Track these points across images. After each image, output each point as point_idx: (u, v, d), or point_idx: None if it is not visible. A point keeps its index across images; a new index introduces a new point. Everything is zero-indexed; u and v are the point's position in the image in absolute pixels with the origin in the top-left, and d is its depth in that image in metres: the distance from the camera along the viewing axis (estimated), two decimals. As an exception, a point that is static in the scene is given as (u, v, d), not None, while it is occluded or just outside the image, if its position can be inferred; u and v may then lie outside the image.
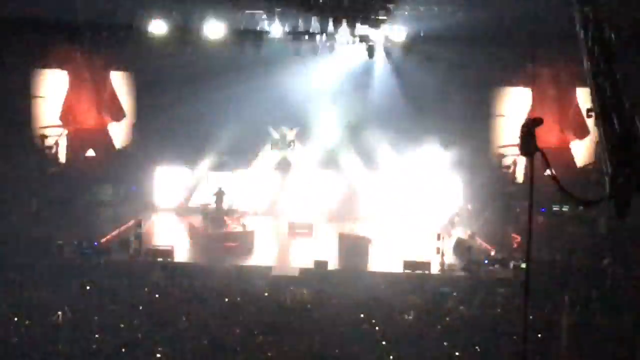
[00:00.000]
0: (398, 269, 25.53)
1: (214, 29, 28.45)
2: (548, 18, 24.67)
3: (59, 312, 20.57)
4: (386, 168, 32.18)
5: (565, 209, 27.87)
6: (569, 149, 31.18)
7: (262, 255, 27.27)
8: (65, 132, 32.44)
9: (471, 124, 30.69)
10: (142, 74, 31.45)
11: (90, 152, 33.26)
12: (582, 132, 30.32)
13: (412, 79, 30.66)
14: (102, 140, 33.02)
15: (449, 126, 30.47)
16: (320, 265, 25.44)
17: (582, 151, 30.94)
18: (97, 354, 18.72)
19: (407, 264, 25.52)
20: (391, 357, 19.02)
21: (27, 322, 19.93)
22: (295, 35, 28.35)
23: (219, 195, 29.78)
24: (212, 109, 31.38)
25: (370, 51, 28.21)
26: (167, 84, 31.33)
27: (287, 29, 28.44)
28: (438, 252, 26.45)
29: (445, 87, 30.51)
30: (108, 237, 27.21)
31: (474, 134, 30.92)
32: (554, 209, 28.15)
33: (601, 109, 10.67)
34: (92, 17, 27.70)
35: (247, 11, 28.10)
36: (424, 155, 31.70)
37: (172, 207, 32.95)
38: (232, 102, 31.53)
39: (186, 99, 31.25)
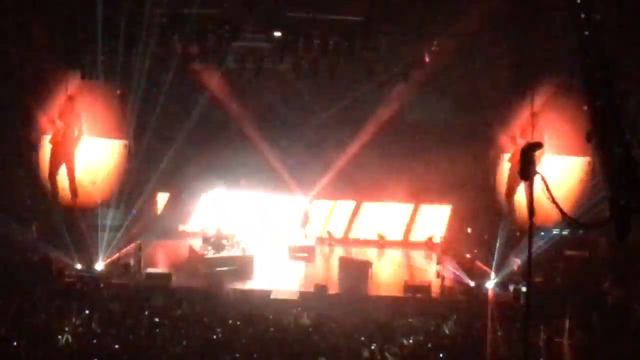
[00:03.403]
0: (398, 292, 25.53)
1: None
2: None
3: (59, 337, 20.56)
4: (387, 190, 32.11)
5: (565, 232, 27.83)
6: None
7: (261, 279, 27.23)
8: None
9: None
10: (138, 92, 31.50)
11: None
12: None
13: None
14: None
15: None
16: (320, 289, 25.41)
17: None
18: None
19: (408, 288, 25.51)
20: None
21: (26, 347, 19.89)
22: (294, 58, 28.46)
23: (219, 219, 29.91)
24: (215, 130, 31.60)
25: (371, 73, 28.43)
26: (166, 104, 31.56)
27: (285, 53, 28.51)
28: (438, 276, 26.49)
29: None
30: (108, 261, 27.15)
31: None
32: (554, 231, 28.12)
33: (600, 133, 10.75)
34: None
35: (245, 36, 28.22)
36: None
37: (172, 231, 32.91)
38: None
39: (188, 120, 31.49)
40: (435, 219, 32.34)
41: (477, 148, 30.79)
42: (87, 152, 32.09)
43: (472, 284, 25.82)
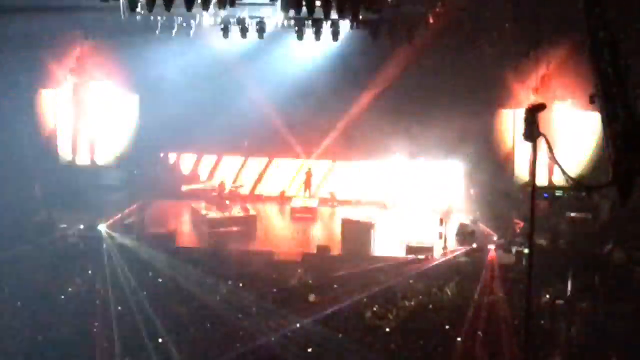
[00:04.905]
0: (401, 253, 25.55)
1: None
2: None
3: (62, 296, 20.67)
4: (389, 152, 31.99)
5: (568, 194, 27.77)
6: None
7: (264, 240, 27.28)
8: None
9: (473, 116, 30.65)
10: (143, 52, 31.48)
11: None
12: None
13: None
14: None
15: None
16: (323, 250, 25.45)
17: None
18: (100, 338, 18.82)
19: (410, 249, 25.53)
20: (393, 341, 19.13)
21: (30, 306, 20.01)
22: (297, 21, 28.24)
23: (224, 179, 29.95)
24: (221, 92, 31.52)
25: (375, 35, 28.21)
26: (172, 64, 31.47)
27: (290, 15, 28.28)
28: (441, 237, 26.47)
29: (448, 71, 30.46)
30: (111, 221, 27.18)
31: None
32: (557, 194, 28.08)
33: (604, 95, 10.62)
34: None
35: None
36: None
37: (175, 191, 32.84)
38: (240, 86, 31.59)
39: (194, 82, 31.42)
40: (439, 178, 32.23)
41: (480, 106, 30.68)
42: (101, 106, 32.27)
43: (474, 245, 25.81)
